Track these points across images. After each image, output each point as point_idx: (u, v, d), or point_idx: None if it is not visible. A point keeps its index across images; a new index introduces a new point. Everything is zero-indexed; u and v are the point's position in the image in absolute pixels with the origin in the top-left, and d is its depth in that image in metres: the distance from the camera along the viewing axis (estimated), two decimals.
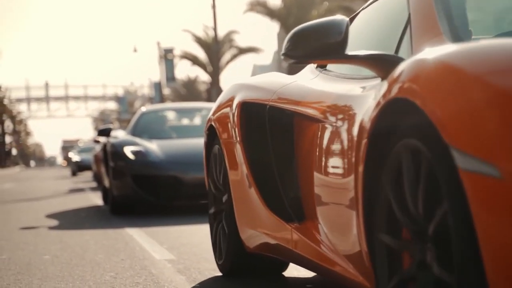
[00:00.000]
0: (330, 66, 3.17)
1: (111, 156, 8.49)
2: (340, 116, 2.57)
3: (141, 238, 5.89)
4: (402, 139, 2.00)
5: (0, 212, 9.91)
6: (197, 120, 10.14)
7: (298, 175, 2.98)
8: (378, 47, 2.73)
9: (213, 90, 36.30)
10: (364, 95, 2.45)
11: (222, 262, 3.73)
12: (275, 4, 35.93)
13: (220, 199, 3.78)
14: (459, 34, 2.40)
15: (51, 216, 8.69)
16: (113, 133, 9.34)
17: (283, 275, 3.84)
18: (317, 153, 2.71)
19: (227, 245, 3.62)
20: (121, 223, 7.24)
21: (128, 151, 8.32)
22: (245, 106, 3.40)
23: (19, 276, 4.19)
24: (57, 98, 78.63)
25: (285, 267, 3.78)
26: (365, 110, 2.26)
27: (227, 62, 42.43)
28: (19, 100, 76.68)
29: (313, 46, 2.48)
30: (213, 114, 3.81)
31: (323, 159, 2.65)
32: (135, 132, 9.36)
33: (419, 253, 1.93)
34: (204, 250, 4.96)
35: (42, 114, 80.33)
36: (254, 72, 73.55)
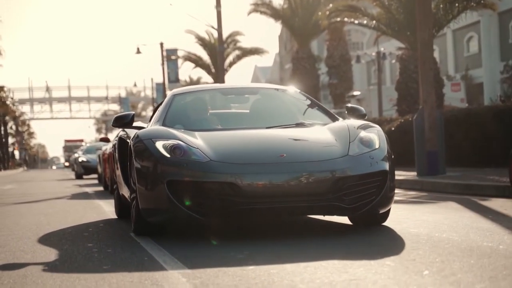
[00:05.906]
0: None
1: (137, 153, 5.89)
2: None
3: (149, 246, 5.38)
4: None
5: None
6: (249, 106, 7.29)
7: None
8: None
9: None
10: None
11: None
12: (280, 4, 35.51)
13: None
14: None
15: (52, 220, 8.20)
16: (135, 124, 6.87)
17: None
18: None
19: None
20: (126, 229, 6.74)
21: (160, 146, 5.73)
22: None
23: None
24: (60, 100, 78.30)
25: None
26: None
27: (231, 64, 41.98)
28: (22, 101, 76.43)
29: None
30: None
31: None
32: (166, 121, 6.65)
33: None
34: (221, 261, 4.47)
35: (45, 115, 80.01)
36: (255, 74, 73.14)
